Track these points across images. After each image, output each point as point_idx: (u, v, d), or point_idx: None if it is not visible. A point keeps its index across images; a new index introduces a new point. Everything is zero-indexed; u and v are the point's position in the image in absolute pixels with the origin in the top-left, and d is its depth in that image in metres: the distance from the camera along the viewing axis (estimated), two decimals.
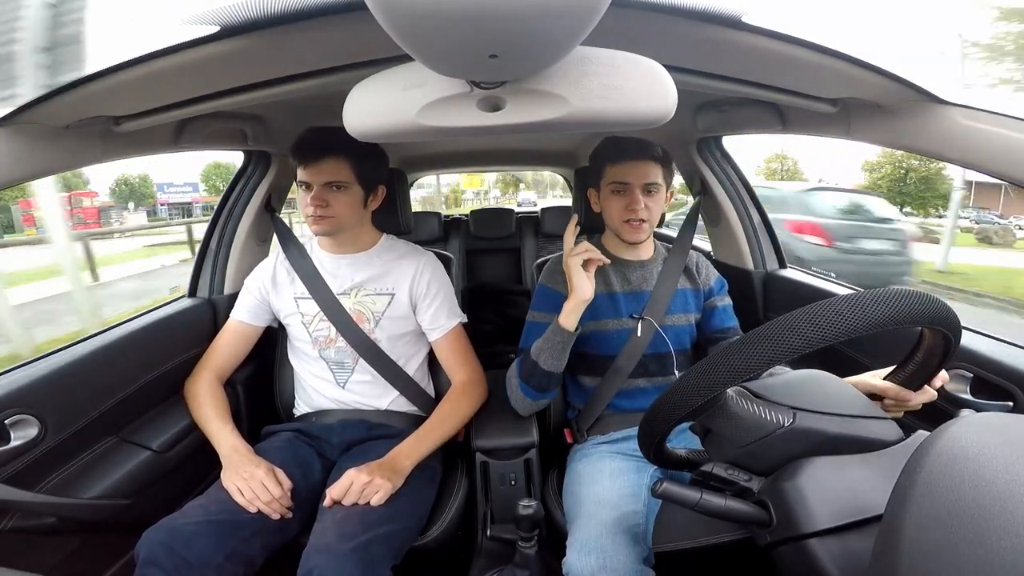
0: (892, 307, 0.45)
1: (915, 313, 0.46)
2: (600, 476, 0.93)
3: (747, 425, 0.54)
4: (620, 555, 0.78)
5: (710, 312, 1.12)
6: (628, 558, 0.78)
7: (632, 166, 1.01)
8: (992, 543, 0.31)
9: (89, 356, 0.93)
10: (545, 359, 0.95)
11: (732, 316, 1.13)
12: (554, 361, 0.95)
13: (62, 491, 0.85)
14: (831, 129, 0.90)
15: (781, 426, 0.53)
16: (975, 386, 0.82)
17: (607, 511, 0.85)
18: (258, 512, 0.85)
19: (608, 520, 0.83)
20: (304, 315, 1.10)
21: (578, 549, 0.80)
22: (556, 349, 0.95)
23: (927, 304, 0.47)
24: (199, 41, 0.56)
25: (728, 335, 1.09)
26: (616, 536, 0.80)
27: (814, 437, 0.52)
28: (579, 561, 0.78)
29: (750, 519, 0.52)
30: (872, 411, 0.56)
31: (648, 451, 0.60)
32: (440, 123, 0.57)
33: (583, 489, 0.92)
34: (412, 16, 0.39)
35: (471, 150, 2.46)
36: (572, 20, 0.41)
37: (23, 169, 0.71)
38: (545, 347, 0.96)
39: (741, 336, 0.48)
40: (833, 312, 0.45)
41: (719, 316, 1.11)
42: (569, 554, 0.80)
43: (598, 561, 0.77)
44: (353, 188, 1.04)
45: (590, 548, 0.79)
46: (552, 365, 0.96)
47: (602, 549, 0.78)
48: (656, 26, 0.59)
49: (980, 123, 0.65)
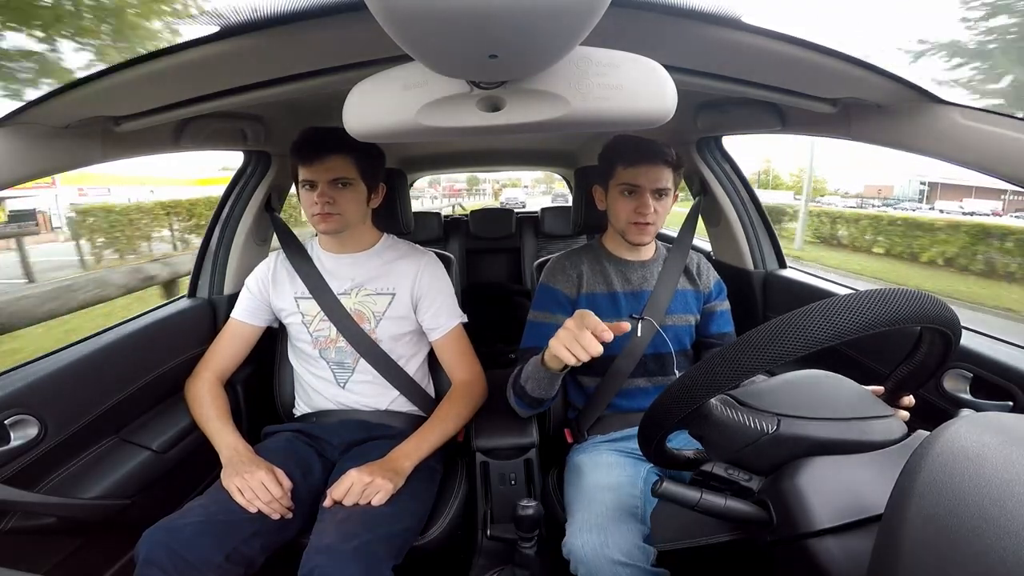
0: (891, 307, 0.45)
1: (914, 313, 0.46)
2: (599, 467, 0.94)
3: (731, 433, 0.54)
4: (621, 531, 0.77)
5: (708, 316, 1.12)
6: (630, 533, 0.78)
7: (645, 170, 1.00)
8: (992, 542, 0.31)
9: (89, 356, 0.93)
10: (532, 388, 0.92)
11: (729, 321, 1.13)
12: (542, 391, 0.92)
13: (62, 491, 0.85)
14: (831, 129, 0.90)
15: (765, 433, 0.53)
16: (975, 386, 0.82)
17: (606, 493, 0.85)
18: (258, 512, 0.85)
19: (608, 501, 0.83)
20: (305, 315, 1.10)
21: (578, 529, 0.79)
22: (543, 382, 0.90)
23: (927, 303, 0.47)
24: (199, 41, 0.56)
25: (724, 340, 1.10)
26: (617, 514, 0.80)
27: (802, 443, 0.52)
28: (579, 539, 0.77)
29: (750, 519, 0.52)
30: (871, 411, 0.55)
31: (648, 452, 0.60)
32: (440, 123, 0.57)
33: (583, 479, 0.92)
34: (412, 16, 0.39)
35: (471, 150, 2.46)
36: (572, 20, 0.41)
37: (23, 169, 0.71)
38: (531, 377, 0.91)
39: (726, 344, 0.48)
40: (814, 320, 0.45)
41: (717, 321, 1.12)
42: (569, 535, 0.80)
43: (599, 538, 0.76)
44: (358, 185, 1.05)
45: (591, 526, 0.78)
46: (540, 394, 0.92)
47: (602, 527, 0.78)
48: (656, 26, 0.59)
49: (980, 123, 0.65)
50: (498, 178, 35.20)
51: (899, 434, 0.54)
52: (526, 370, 0.93)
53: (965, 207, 24.40)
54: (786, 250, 1.46)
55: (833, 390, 0.58)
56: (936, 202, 28.27)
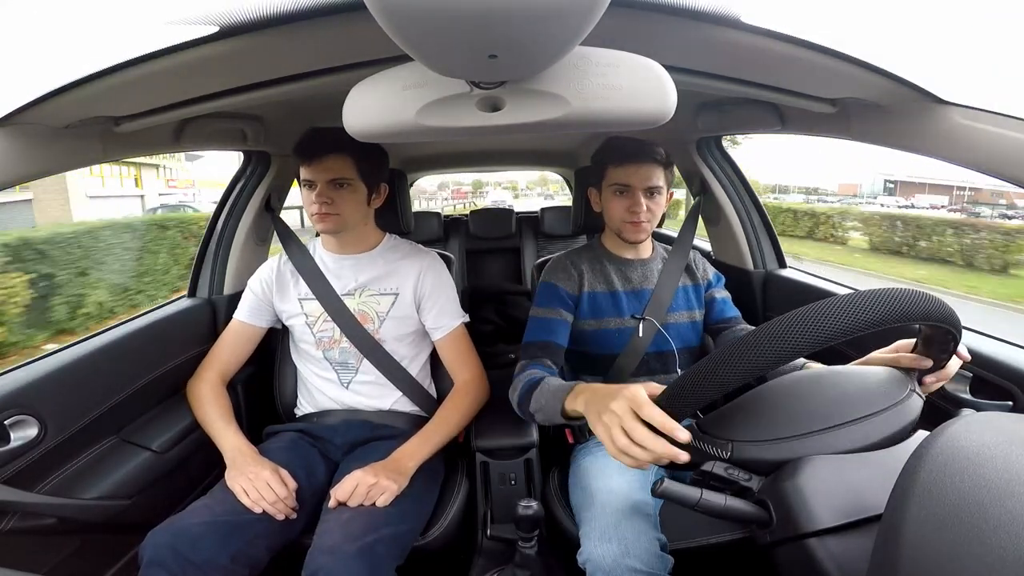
0: (891, 307, 0.45)
1: (917, 312, 0.46)
2: (609, 470, 0.92)
3: (696, 458, 0.56)
4: (641, 541, 0.76)
5: (709, 303, 1.13)
6: (649, 543, 0.76)
7: (635, 169, 1.02)
8: (992, 542, 0.31)
9: (89, 356, 0.93)
10: (541, 418, 0.89)
11: (732, 307, 1.13)
12: (548, 422, 0.89)
13: (62, 491, 0.85)
14: (831, 129, 0.90)
15: (720, 458, 0.55)
16: (975, 386, 0.82)
17: (621, 500, 0.83)
18: (263, 513, 0.85)
19: (624, 508, 0.81)
20: (308, 316, 1.10)
21: (596, 538, 0.77)
22: (553, 418, 0.85)
23: (929, 303, 0.47)
24: (199, 41, 0.56)
25: (731, 324, 1.09)
26: (634, 522, 0.78)
27: (759, 464, 0.54)
28: (598, 549, 0.75)
29: (750, 519, 0.52)
30: (848, 416, 0.54)
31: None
32: (440, 123, 0.57)
33: (593, 482, 0.90)
34: (411, 16, 0.39)
35: (471, 150, 2.46)
36: (571, 20, 0.41)
37: (23, 169, 0.71)
38: (542, 411, 0.87)
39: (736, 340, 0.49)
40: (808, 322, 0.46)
41: (719, 307, 1.12)
42: (585, 545, 0.78)
43: (619, 548, 0.74)
44: (357, 185, 1.05)
45: (609, 536, 0.76)
46: (547, 423, 0.90)
47: (621, 537, 0.76)
48: (656, 26, 0.59)
49: (980, 123, 0.65)
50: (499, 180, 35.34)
51: (866, 441, 0.53)
52: (540, 402, 0.87)
53: (917, 203, 25.84)
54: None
55: (800, 402, 0.58)
56: (895, 198, 30.20)
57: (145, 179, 15.77)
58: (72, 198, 12.11)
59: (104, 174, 13.77)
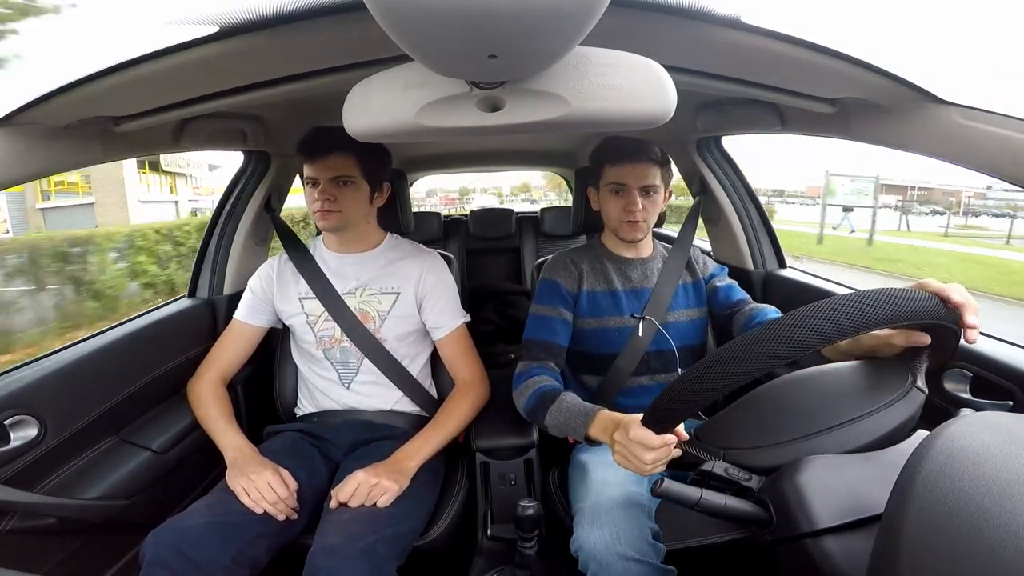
0: (890, 307, 0.45)
1: (918, 311, 0.46)
2: (605, 464, 0.92)
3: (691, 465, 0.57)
4: (632, 528, 0.76)
5: (713, 292, 1.12)
6: (640, 531, 0.77)
7: (631, 168, 1.02)
8: (992, 542, 0.31)
9: (89, 356, 0.93)
10: (556, 432, 0.91)
11: (739, 290, 1.11)
12: (561, 436, 0.91)
13: (62, 492, 0.85)
14: (830, 129, 0.90)
15: (714, 465, 0.55)
16: (975, 385, 0.82)
17: (614, 489, 0.83)
18: (264, 513, 0.85)
19: (616, 496, 0.81)
20: (309, 315, 1.10)
21: (587, 524, 0.78)
22: (575, 437, 0.88)
23: (930, 303, 0.47)
24: (199, 41, 0.56)
25: (740, 307, 1.07)
26: (626, 510, 0.79)
27: (755, 469, 0.54)
28: (589, 535, 0.76)
29: (750, 518, 0.52)
30: (839, 418, 0.54)
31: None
32: (440, 123, 0.57)
33: (589, 475, 0.91)
34: (411, 16, 0.39)
35: (471, 150, 2.46)
36: (571, 20, 0.41)
37: (23, 169, 0.71)
38: (562, 428, 0.89)
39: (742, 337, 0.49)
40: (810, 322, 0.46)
41: (723, 293, 1.10)
42: (577, 532, 0.79)
43: (611, 534, 0.75)
44: (360, 184, 1.05)
45: (601, 522, 0.77)
46: (559, 435, 0.92)
47: (613, 523, 0.76)
48: (656, 26, 0.59)
49: (980, 123, 0.65)
50: (485, 186, 38.02)
51: (856, 443, 0.53)
52: (558, 419, 0.89)
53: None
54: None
55: (796, 404, 0.58)
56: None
57: (178, 186, 17.46)
58: (128, 202, 13.42)
59: (148, 182, 15.40)
